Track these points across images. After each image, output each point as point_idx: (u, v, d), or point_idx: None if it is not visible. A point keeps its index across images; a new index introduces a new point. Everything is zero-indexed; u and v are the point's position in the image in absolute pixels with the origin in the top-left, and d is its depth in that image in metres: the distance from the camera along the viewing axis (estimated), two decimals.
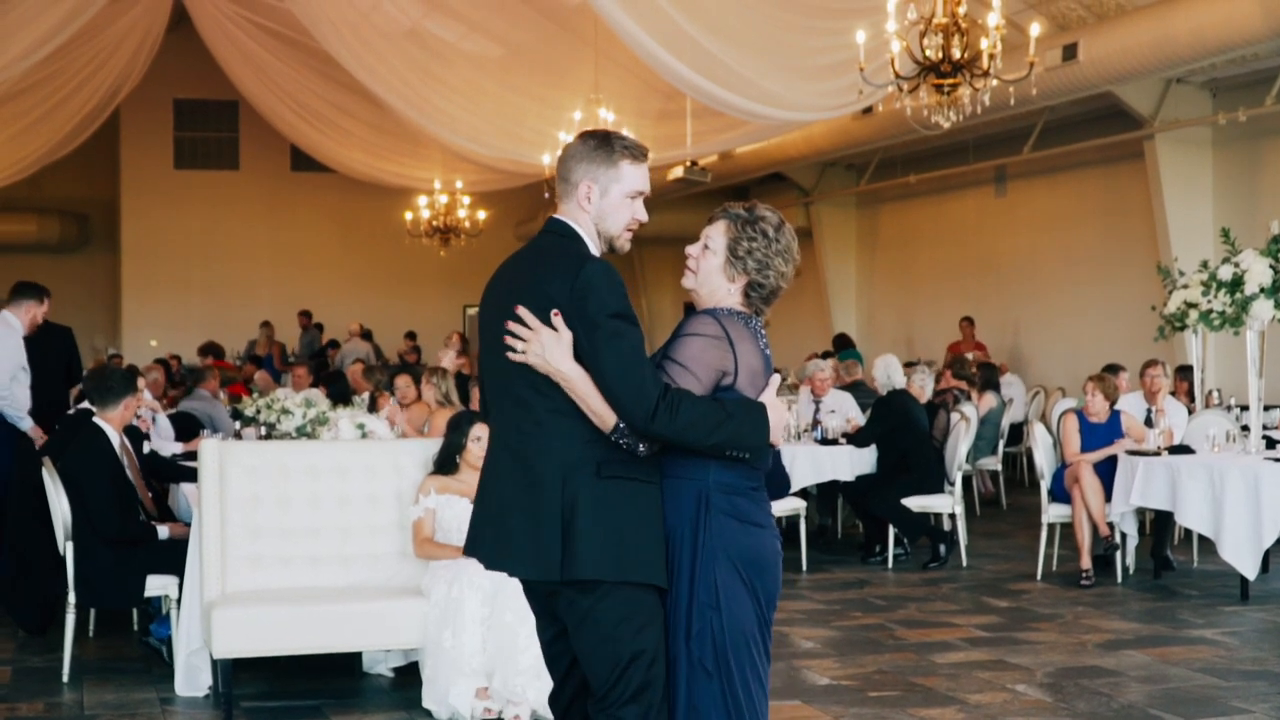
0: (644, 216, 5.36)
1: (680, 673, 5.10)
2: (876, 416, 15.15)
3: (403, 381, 14.66)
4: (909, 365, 17.36)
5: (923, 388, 15.56)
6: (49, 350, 13.55)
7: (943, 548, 14.63)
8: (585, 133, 5.42)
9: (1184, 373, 17.50)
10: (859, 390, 17.80)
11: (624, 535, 4.99)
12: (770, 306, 5.40)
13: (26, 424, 12.71)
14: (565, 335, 4.97)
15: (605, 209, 5.31)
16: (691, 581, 5.07)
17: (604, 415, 4.96)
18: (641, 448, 5.00)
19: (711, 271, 5.31)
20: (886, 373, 15.51)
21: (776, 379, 5.30)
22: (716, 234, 5.34)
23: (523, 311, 5.03)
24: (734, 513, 5.13)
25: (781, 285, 5.35)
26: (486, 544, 5.22)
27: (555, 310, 5.00)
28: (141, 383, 13.44)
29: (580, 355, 4.98)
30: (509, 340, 5.06)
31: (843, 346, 26.20)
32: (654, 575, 5.05)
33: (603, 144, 5.32)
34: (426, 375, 13.88)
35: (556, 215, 5.34)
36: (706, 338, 5.14)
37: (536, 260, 5.23)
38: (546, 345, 4.96)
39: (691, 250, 5.38)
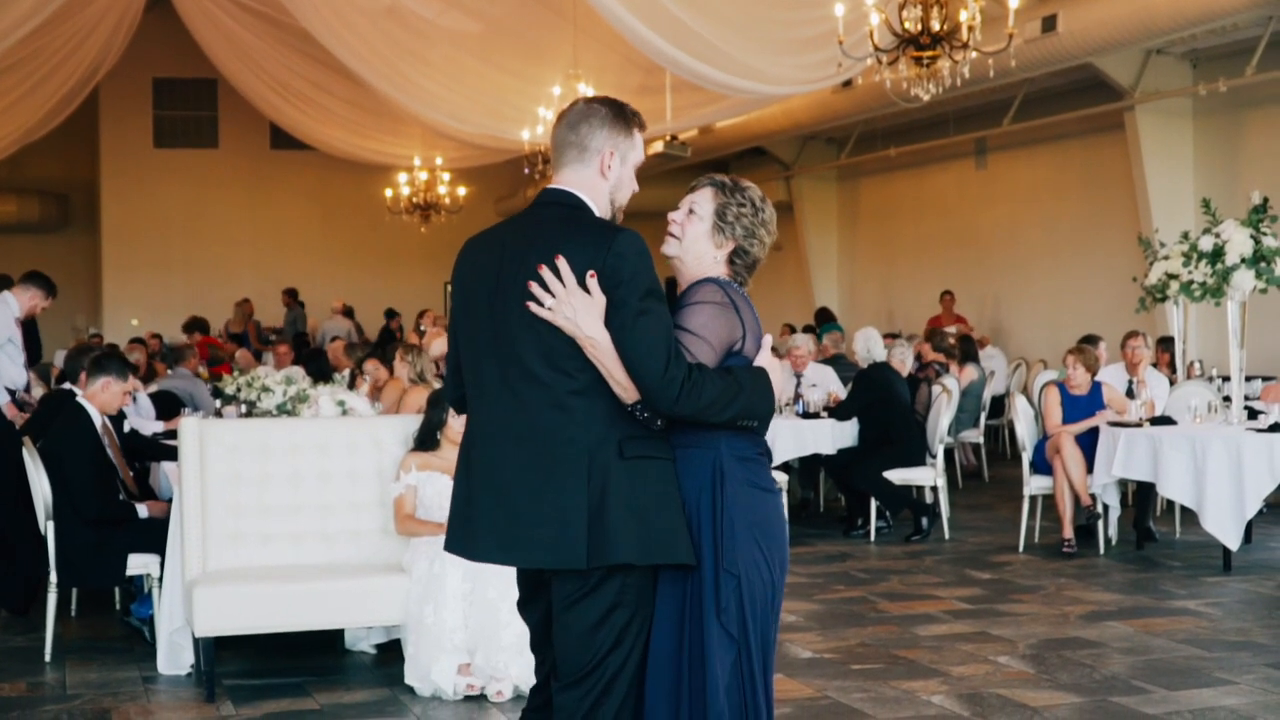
0: (637, 187, 5.27)
1: (712, 646, 5.03)
2: (857, 390, 15.13)
3: (371, 365, 14.61)
4: (889, 338, 17.36)
5: (903, 361, 15.55)
6: None
7: (925, 520, 14.64)
8: (593, 100, 5.26)
9: (1165, 344, 17.51)
10: (840, 364, 17.80)
11: (649, 517, 4.89)
12: (750, 278, 5.37)
13: (1, 399, 12.69)
14: (599, 299, 4.82)
15: (623, 178, 5.21)
16: (716, 553, 5.03)
17: (627, 386, 4.85)
18: (659, 422, 4.93)
19: (698, 237, 5.26)
20: (866, 346, 15.50)
21: (769, 339, 5.27)
22: (703, 200, 5.30)
23: (562, 265, 4.84)
24: (749, 480, 5.11)
25: (762, 256, 5.33)
26: (489, 537, 5.02)
27: (591, 272, 4.84)
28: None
29: (607, 327, 4.84)
30: (536, 292, 4.86)
31: (824, 320, 26.21)
32: (682, 554, 4.97)
33: (618, 112, 5.20)
34: (400, 352, 13.83)
35: (558, 185, 5.16)
36: (716, 305, 5.11)
37: (554, 227, 5.01)
38: (579, 308, 4.81)
39: (675, 216, 5.32)
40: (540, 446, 4.90)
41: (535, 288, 4.87)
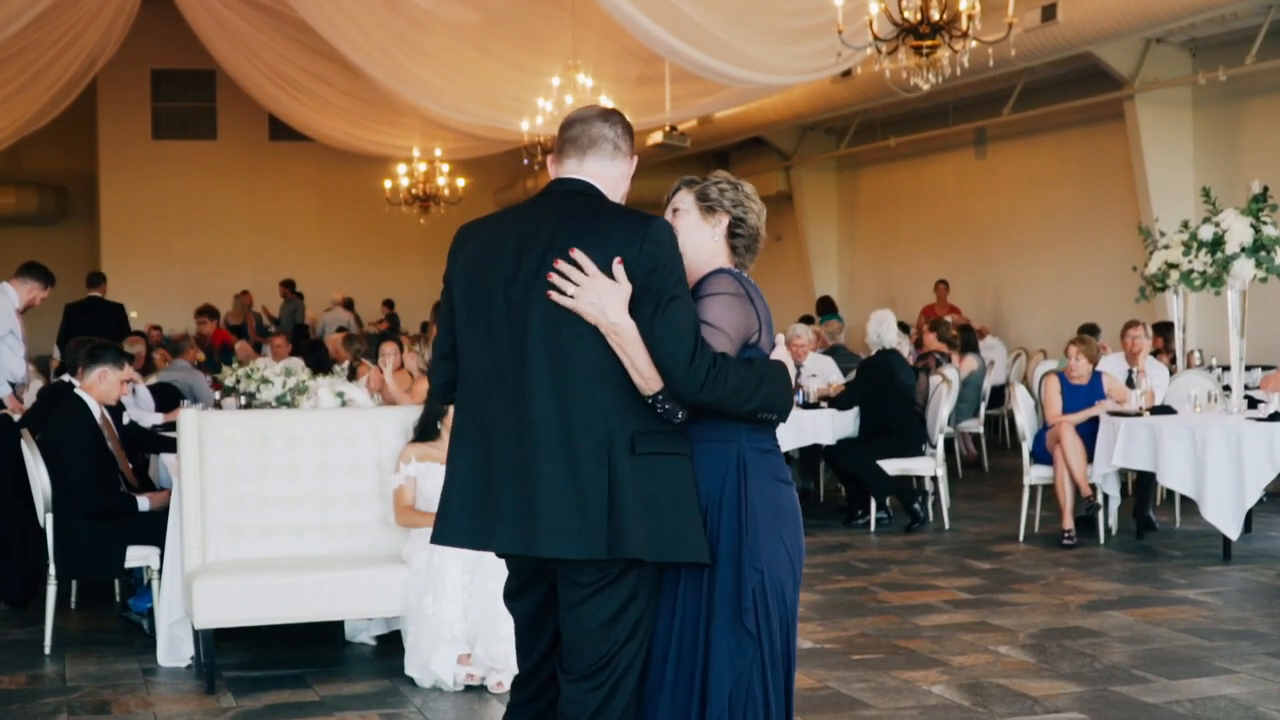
0: None
1: (722, 642, 5.02)
2: (863, 378, 15.07)
3: (389, 348, 14.63)
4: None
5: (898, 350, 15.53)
6: (101, 324, 14.20)
7: (917, 506, 14.59)
8: (615, 110, 5.30)
9: (1160, 330, 17.47)
10: (839, 354, 17.78)
11: (661, 513, 4.84)
12: (754, 257, 5.37)
13: (2, 391, 12.68)
14: (625, 287, 4.78)
15: (626, 192, 5.28)
16: (739, 547, 5.02)
17: (650, 376, 4.81)
18: (680, 415, 4.90)
19: (690, 227, 5.26)
20: (878, 331, 15.27)
21: (781, 337, 5.29)
22: (681, 198, 5.34)
23: (579, 256, 4.80)
24: (770, 473, 5.12)
25: (760, 229, 5.35)
26: (496, 525, 4.94)
27: (618, 259, 4.80)
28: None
29: (634, 315, 4.80)
30: (557, 282, 4.81)
31: (825, 310, 26.25)
32: (693, 553, 4.92)
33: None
34: (409, 343, 13.87)
35: (576, 175, 5.12)
36: (731, 296, 5.10)
37: (583, 215, 4.97)
38: (605, 294, 4.77)
39: None
40: (557, 435, 4.84)
41: (556, 278, 4.83)
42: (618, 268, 4.79)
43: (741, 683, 5.05)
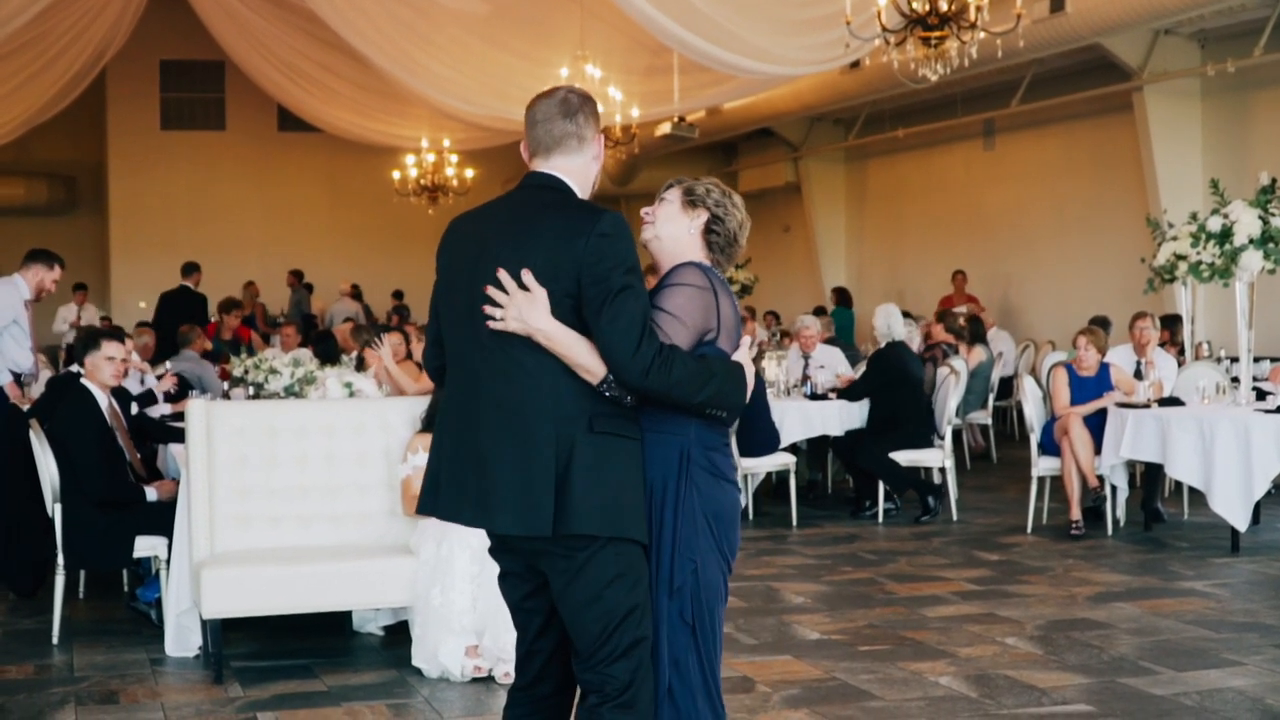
0: None
1: (663, 627, 5.14)
2: (873, 369, 15.08)
3: (395, 339, 14.63)
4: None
5: (908, 341, 15.50)
6: (184, 312, 14.70)
7: (931, 500, 14.60)
8: (576, 90, 5.35)
9: (1169, 321, 17.44)
10: (839, 347, 17.78)
11: (616, 491, 4.95)
12: (730, 261, 5.48)
13: (4, 379, 12.67)
14: (539, 293, 4.89)
15: (600, 163, 5.38)
16: (674, 537, 5.12)
17: (591, 368, 4.90)
18: (629, 399, 4.98)
19: (670, 216, 5.40)
20: (887, 323, 15.25)
21: (747, 340, 5.35)
22: (669, 192, 5.49)
23: (502, 275, 4.94)
24: (711, 468, 5.20)
25: (739, 235, 5.45)
26: (463, 500, 5.10)
27: (526, 269, 4.91)
28: (130, 344, 13.38)
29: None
30: (488, 310, 4.96)
31: (839, 301, 26.28)
32: (639, 532, 5.04)
33: (595, 104, 5.35)
34: (417, 333, 13.86)
35: (547, 170, 5.23)
36: (695, 288, 5.18)
37: (539, 211, 5.10)
38: (523, 308, 4.89)
39: (645, 210, 5.49)
40: (513, 417, 4.97)
41: (488, 309, 4.98)
42: (526, 276, 4.92)
43: (679, 668, 5.18)
